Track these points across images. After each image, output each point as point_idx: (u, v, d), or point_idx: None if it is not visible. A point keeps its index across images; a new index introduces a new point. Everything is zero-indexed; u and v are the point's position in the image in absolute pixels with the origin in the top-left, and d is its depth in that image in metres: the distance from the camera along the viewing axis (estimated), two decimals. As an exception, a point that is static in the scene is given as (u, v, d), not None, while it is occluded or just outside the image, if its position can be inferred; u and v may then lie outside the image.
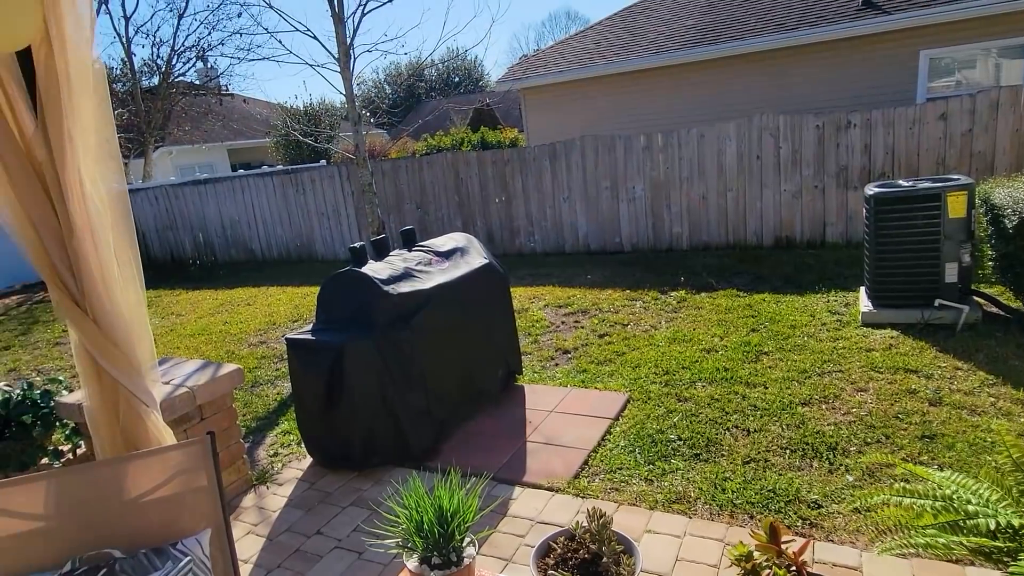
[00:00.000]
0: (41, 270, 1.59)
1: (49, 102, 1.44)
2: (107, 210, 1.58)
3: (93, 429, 1.72)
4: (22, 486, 1.51)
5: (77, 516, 1.53)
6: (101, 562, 1.47)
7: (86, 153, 1.50)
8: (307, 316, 7.22)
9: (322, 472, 3.60)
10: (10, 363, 6.88)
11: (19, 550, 1.46)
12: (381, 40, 9.47)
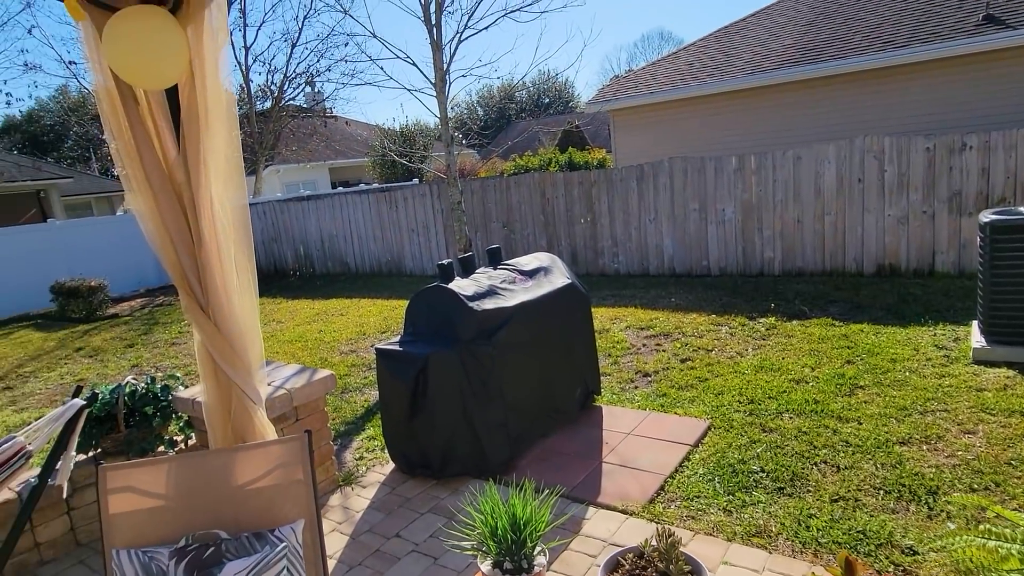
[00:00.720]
0: (173, 276, 1.80)
1: (189, 131, 1.65)
2: (230, 224, 1.78)
3: (208, 421, 1.92)
4: (148, 467, 1.71)
5: (191, 498, 1.71)
6: (210, 541, 1.63)
7: (216, 174, 1.71)
8: (395, 328, 7.53)
9: (403, 478, 3.75)
10: (133, 359, 7.60)
11: (145, 524, 1.66)
12: (476, 65, 9.88)
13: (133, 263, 12.92)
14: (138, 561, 1.59)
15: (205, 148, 1.65)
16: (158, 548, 1.62)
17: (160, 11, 1.56)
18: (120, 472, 1.68)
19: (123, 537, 1.65)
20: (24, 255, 11.66)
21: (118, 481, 1.67)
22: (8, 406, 6.19)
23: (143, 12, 1.52)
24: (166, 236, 1.74)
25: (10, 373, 7.52)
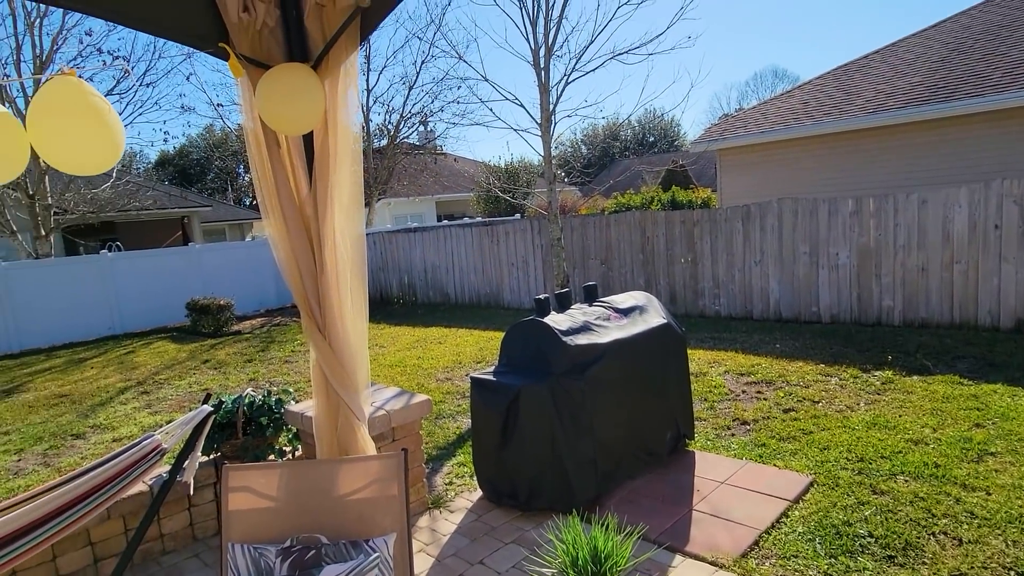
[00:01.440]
0: (296, 298, 2.01)
1: (320, 171, 1.86)
2: (349, 253, 1.97)
3: (316, 433, 2.09)
4: (264, 471, 1.89)
5: (298, 502, 1.87)
6: (312, 544, 1.77)
7: (340, 208, 1.90)
8: (490, 359, 7.69)
9: (489, 506, 3.81)
10: (251, 373, 8.25)
11: (257, 522, 1.83)
12: (581, 106, 10.07)
13: (256, 285, 14.09)
14: (249, 556, 1.75)
15: (332, 185, 1.85)
16: (267, 546, 1.78)
17: (304, 67, 1.80)
18: (240, 473, 1.87)
19: (238, 532, 1.83)
20: (168, 274, 13.04)
21: (238, 481, 1.85)
22: (144, 408, 6.90)
23: (290, 69, 1.76)
24: (294, 262, 1.95)
25: (148, 379, 8.37)
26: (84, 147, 1.58)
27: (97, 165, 1.66)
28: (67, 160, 1.61)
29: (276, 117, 1.76)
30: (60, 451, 5.66)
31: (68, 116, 1.54)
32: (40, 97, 1.56)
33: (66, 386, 8.24)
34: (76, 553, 3.26)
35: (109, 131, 1.61)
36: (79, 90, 1.57)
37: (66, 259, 12.99)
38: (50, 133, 1.55)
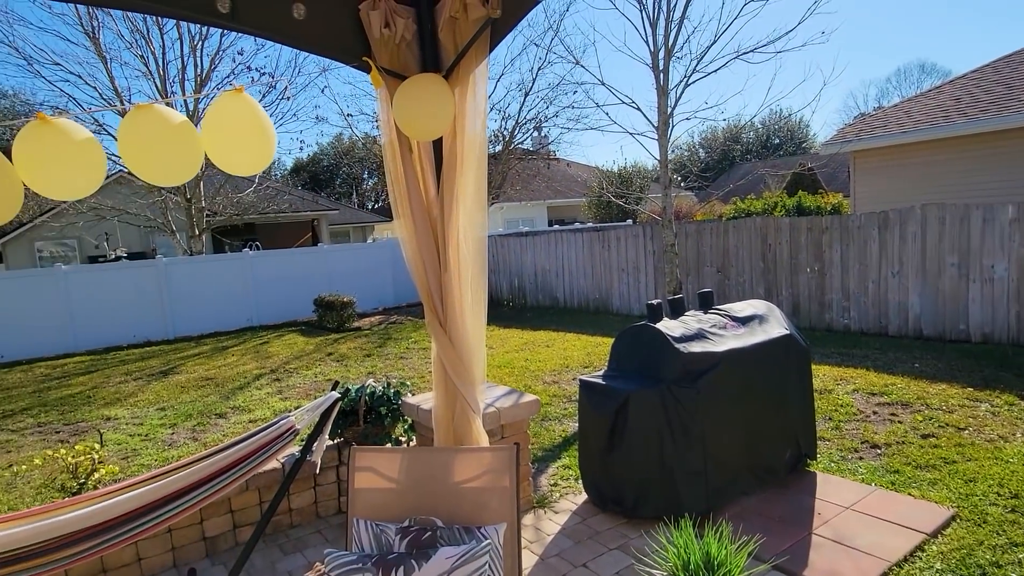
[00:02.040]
0: (421, 294, 2.13)
1: (447, 175, 1.97)
2: (470, 253, 2.06)
3: (435, 423, 2.20)
4: (387, 454, 2.02)
5: (416, 486, 1.98)
6: (428, 526, 1.87)
7: (464, 210, 2.00)
8: (598, 364, 7.64)
9: (594, 510, 3.80)
10: (370, 367, 8.74)
11: (379, 501, 1.96)
12: (701, 108, 9.78)
13: (376, 284, 14.93)
14: (372, 531, 1.88)
15: (458, 188, 1.95)
16: (387, 523, 1.90)
17: (437, 77, 1.92)
18: (366, 454, 2.01)
19: (362, 509, 1.97)
20: (298, 272, 14.11)
21: (364, 461, 2.00)
22: (276, 394, 7.51)
23: (424, 79, 1.89)
24: (420, 259, 2.07)
25: (280, 368, 9.11)
26: (247, 152, 1.79)
27: (255, 167, 1.87)
28: (232, 162, 1.83)
29: (410, 124, 1.89)
30: (206, 428, 6.30)
31: (237, 125, 1.76)
32: (214, 108, 1.79)
33: (211, 370, 9.15)
34: (219, 518, 3.63)
35: (267, 138, 1.82)
36: (246, 103, 1.78)
37: (214, 256, 14.43)
38: (221, 140, 1.77)
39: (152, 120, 1.63)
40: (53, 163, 1.50)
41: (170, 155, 1.66)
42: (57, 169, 1.51)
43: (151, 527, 2.67)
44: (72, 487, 3.65)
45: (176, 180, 1.74)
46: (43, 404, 7.78)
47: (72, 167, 1.53)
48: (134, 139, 1.64)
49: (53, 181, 1.52)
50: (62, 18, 19.31)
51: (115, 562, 3.32)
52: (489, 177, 18.32)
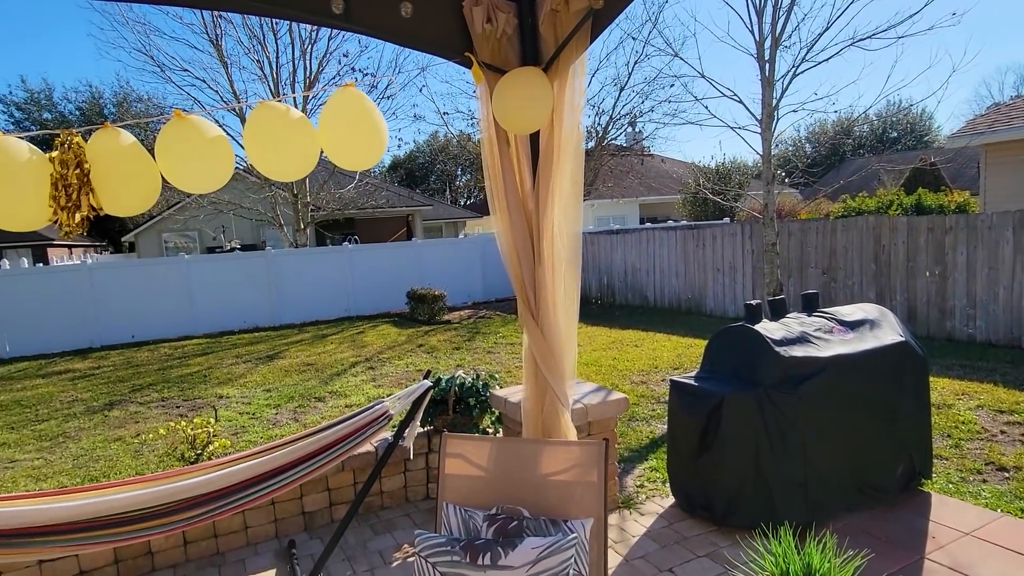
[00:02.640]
0: (515, 286, 2.15)
1: (544, 168, 1.97)
2: (564, 247, 2.06)
3: (524, 414, 2.22)
4: (477, 442, 2.06)
5: (504, 475, 2.00)
6: (514, 515, 1.89)
7: (559, 204, 2.00)
8: (688, 366, 7.42)
9: (681, 515, 3.69)
10: (458, 360, 8.93)
11: (467, 487, 2.00)
12: (810, 99, 9.20)
13: (466, 279, 15.24)
14: (460, 516, 1.92)
15: (554, 182, 1.95)
16: (475, 510, 1.94)
17: (536, 71, 1.93)
18: (457, 441, 2.06)
19: (452, 494, 2.01)
20: (392, 266, 14.64)
21: (455, 448, 2.04)
22: (370, 382, 7.83)
23: (524, 72, 1.90)
24: (515, 252, 2.09)
25: (374, 357, 9.49)
26: (361, 146, 1.88)
27: (368, 161, 1.96)
28: (346, 157, 1.92)
29: (508, 117, 1.91)
30: (306, 410, 6.68)
31: (351, 120, 1.85)
32: (329, 104, 1.89)
33: (312, 357, 9.68)
34: (317, 495, 3.84)
35: (379, 132, 1.90)
36: (358, 99, 1.87)
37: (316, 249, 15.26)
38: (336, 135, 1.86)
39: (274, 117, 1.74)
40: (189, 157, 1.64)
41: (289, 151, 1.77)
42: (192, 163, 1.65)
43: (257, 498, 2.87)
44: (190, 457, 3.98)
45: (293, 175, 1.85)
46: (166, 381, 8.53)
47: (205, 161, 1.66)
48: (257, 135, 1.76)
49: (188, 174, 1.66)
50: (190, 28, 21.00)
51: (225, 528, 3.59)
52: (584, 172, 18.15)
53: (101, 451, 5.59)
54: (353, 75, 14.79)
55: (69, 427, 6.48)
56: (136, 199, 1.62)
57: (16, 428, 6.59)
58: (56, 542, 2.52)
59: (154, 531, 2.72)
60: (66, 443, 5.93)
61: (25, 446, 5.93)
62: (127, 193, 1.59)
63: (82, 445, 5.82)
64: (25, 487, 4.83)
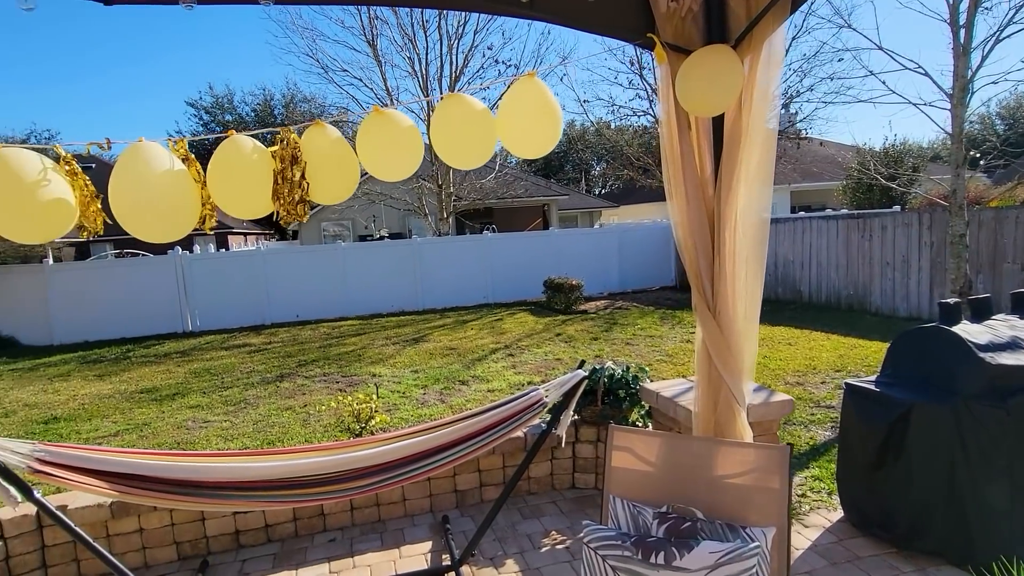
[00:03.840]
0: (690, 275, 2.05)
1: (729, 152, 1.86)
2: (748, 236, 1.93)
3: (696, 412, 2.12)
4: (644, 436, 2.00)
5: (674, 473, 1.93)
6: (687, 516, 1.81)
7: (745, 191, 1.87)
8: (852, 368, 6.79)
9: (852, 531, 3.38)
10: (596, 351, 8.85)
11: (634, 482, 1.94)
12: (1014, 68, 7.95)
13: (601, 269, 15.08)
14: (628, 511, 1.88)
15: (740, 166, 1.83)
16: (644, 506, 1.88)
17: (724, 48, 1.81)
18: (625, 434, 2.01)
19: (618, 487, 1.97)
20: (528, 255, 14.83)
21: (622, 441, 2.00)
22: (510, 368, 8.00)
23: (712, 51, 1.79)
24: (691, 240, 2.00)
25: (513, 344, 9.68)
26: (538, 134, 1.89)
27: (542, 149, 1.96)
28: (522, 145, 1.94)
29: (694, 99, 1.82)
30: (451, 392, 6.96)
31: (531, 108, 1.86)
32: (511, 93, 1.91)
33: (454, 341, 10.07)
34: (469, 475, 3.98)
35: (556, 120, 1.89)
36: (539, 88, 1.88)
37: (458, 237, 15.85)
38: (515, 123, 1.89)
39: (460, 109, 1.79)
40: (386, 147, 1.74)
41: (473, 140, 1.81)
42: (389, 152, 1.75)
43: (419, 474, 3.02)
44: (355, 429, 4.30)
45: (473, 163, 1.90)
46: (326, 358, 9.30)
47: (400, 150, 1.75)
48: (443, 126, 1.83)
49: (385, 163, 1.76)
50: (350, 31, 22.59)
51: (386, 498, 3.84)
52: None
53: (275, 418, 6.21)
54: (496, 67, 15.11)
55: (248, 395, 7.27)
56: (340, 188, 1.75)
57: (207, 393, 7.51)
58: (253, 497, 2.83)
59: (331, 495, 2.96)
60: (247, 409, 6.66)
61: (214, 409, 6.74)
62: (333, 183, 1.72)
63: (260, 411, 6.50)
64: (216, 445, 5.49)
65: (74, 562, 3.37)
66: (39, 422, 6.65)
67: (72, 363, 10.16)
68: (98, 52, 65.26)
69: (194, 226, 1.74)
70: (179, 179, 1.64)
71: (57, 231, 1.59)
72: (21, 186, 1.49)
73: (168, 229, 1.65)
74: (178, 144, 1.71)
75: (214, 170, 1.72)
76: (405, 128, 1.76)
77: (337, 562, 3.41)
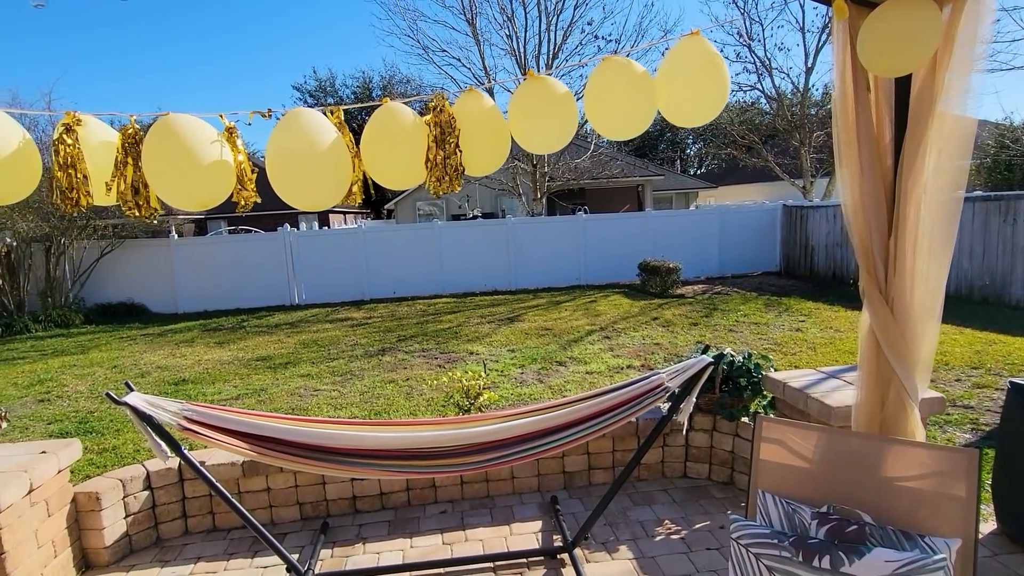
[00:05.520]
0: (859, 255, 1.86)
1: (916, 119, 1.65)
2: (935, 215, 1.71)
3: (858, 406, 1.94)
4: (798, 429, 1.84)
5: (835, 471, 1.77)
6: (852, 519, 1.65)
7: (934, 162, 1.65)
8: (992, 366, 6.16)
9: (1010, 546, 3.04)
10: (697, 336, 8.53)
11: (787, 477, 1.80)
12: None
13: (699, 252, 14.52)
14: (782, 508, 1.75)
15: (930, 134, 1.62)
16: (801, 504, 1.74)
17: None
18: (775, 426, 1.87)
19: (768, 482, 1.84)
20: (622, 237, 14.50)
21: (772, 432, 1.86)
22: (608, 351, 7.86)
23: (905, 2, 1.57)
24: (861, 215, 1.80)
25: (608, 327, 9.51)
26: (703, 98, 1.75)
27: (707, 116, 1.82)
28: (684, 111, 1.81)
29: (879, 57, 1.61)
30: (548, 373, 6.92)
31: (695, 71, 1.72)
32: (674, 55, 1.78)
33: (548, 322, 10.03)
34: (578, 457, 3.92)
35: (723, 82, 1.75)
36: (705, 47, 1.74)
37: (552, 218, 15.74)
38: (678, 88, 1.76)
39: (617, 74, 1.69)
40: (541, 115, 1.67)
41: (631, 109, 1.71)
42: (543, 120, 1.68)
43: (533, 454, 2.98)
44: (464, 405, 4.34)
45: (629, 133, 1.80)
46: (424, 334, 9.53)
47: (556, 118, 1.68)
48: (598, 94, 1.73)
49: (537, 133, 1.70)
50: (450, 10, 22.90)
51: (495, 475, 3.85)
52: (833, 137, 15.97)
53: (380, 390, 6.42)
54: (595, 43, 14.76)
55: (353, 366, 7.57)
56: (492, 158, 1.70)
57: (315, 363, 7.89)
58: (372, 465, 2.90)
59: (447, 469, 2.99)
60: (352, 380, 6.93)
61: (323, 379, 7.06)
62: (484, 153, 1.68)
63: (365, 383, 6.74)
64: (327, 413, 5.74)
65: (210, 514, 3.61)
66: (170, 383, 7.22)
67: (195, 330, 11.00)
68: (220, 37, 70.12)
69: (343, 196, 1.75)
70: (336, 146, 1.65)
71: (217, 198, 1.65)
72: (187, 152, 1.55)
73: (322, 196, 1.66)
74: (334, 112, 1.72)
75: (369, 138, 1.72)
76: (561, 95, 1.67)
77: (449, 534, 3.47)
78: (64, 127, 1.71)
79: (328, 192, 1.68)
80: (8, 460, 2.94)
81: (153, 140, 1.66)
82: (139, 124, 1.68)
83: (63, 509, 3.14)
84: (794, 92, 17.11)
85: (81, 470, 4.33)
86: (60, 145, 1.68)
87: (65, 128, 1.70)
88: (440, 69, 18.22)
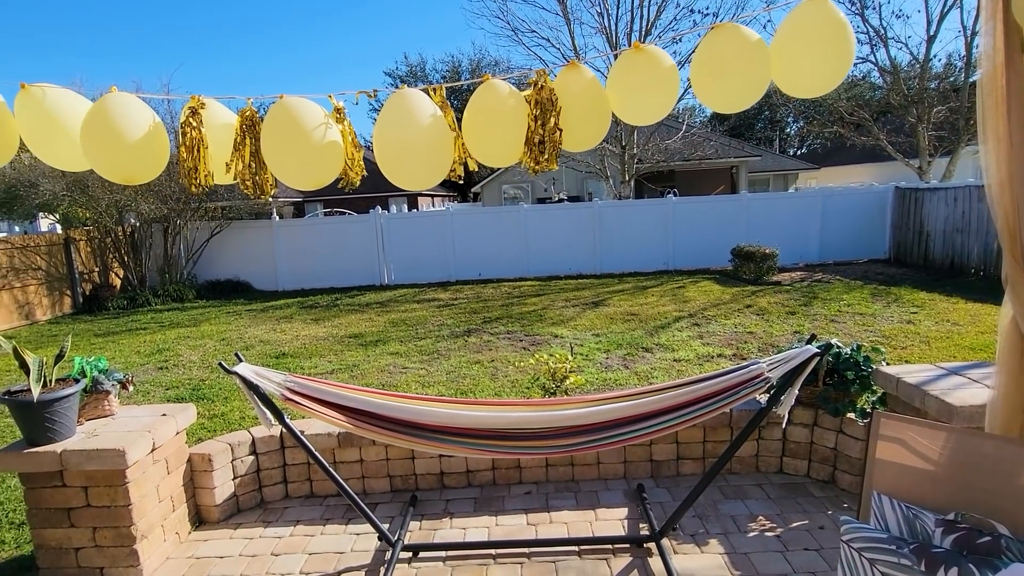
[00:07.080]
0: (1003, 238, 1.67)
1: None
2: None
3: (993, 405, 1.75)
4: (923, 428, 1.68)
5: (964, 476, 1.60)
6: (985, 529, 1.49)
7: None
8: None
9: None
10: (794, 326, 8.09)
11: (908, 480, 1.65)
12: None
13: (798, 237, 13.72)
14: (901, 512, 1.61)
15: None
16: (923, 511, 1.59)
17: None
18: (895, 423, 1.72)
19: (884, 483, 1.70)
20: (713, 220, 13.94)
21: (891, 431, 1.71)
22: (696, 339, 7.60)
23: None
24: (1008, 192, 1.61)
25: (698, 313, 9.21)
26: (824, 67, 1.61)
27: (825, 85, 1.68)
28: (800, 80, 1.68)
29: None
30: (634, 359, 6.79)
31: (821, 35, 1.59)
32: (793, 19, 1.65)
33: (634, 307, 9.83)
34: (666, 446, 3.82)
35: (849, 46, 1.60)
36: (830, 10, 1.59)
37: (640, 201, 15.37)
38: (795, 53, 1.63)
39: (728, 39, 1.58)
40: (644, 88, 1.60)
41: (742, 76, 1.60)
42: (646, 94, 1.61)
43: (623, 440, 2.92)
44: (551, 388, 4.33)
45: (739, 105, 1.69)
46: (509, 316, 9.59)
47: (658, 91, 1.60)
48: (707, 62, 1.63)
49: (639, 105, 1.63)
50: (540, -12, 22.69)
51: (580, 459, 3.82)
52: (970, 111, 14.57)
53: (466, 370, 6.53)
54: (691, 18, 14.18)
55: (440, 346, 7.74)
56: (592, 133, 1.65)
57: (404, 342, 8.13)
58: (461, 443, 2.94)
59: (534, 451, 2.97)
60: (439, 359, 7.09)
61: (411, 357, 7.27)
62: (586, 127, 1.63)
63: (451, 363, 6.88)
64: (416, 390, 5.90)
65: (307, 481, 3.81)
66: (272, 356, 7.68)
67: (293, 307, 11.63)
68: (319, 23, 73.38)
69: (445, 175, 1.76)
70: (440, 125, 1.66)
71: (327, 178, 1.70)
72: (302, 133, 1.60)
73: (425, 175, 1.68)
74: (437, 91, 1.72)
75: (471, 116, 1.71)
76: (666, 68, 1.59)
77: (534, 515, 3.48)
78: (190, 110, 1.81)
79: (433, 171, 1.69)
80: (135, 421, 3.21)
81: (270, 122, 1.73)
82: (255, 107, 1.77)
83: (180, 468, 3.40)
84: (911, 63, 15.73)
85: (194, 433, 4.69)
86: (186, 127, 1.79)
87: (191, 111, 1.81)
88: (529, 50, 18.13)
